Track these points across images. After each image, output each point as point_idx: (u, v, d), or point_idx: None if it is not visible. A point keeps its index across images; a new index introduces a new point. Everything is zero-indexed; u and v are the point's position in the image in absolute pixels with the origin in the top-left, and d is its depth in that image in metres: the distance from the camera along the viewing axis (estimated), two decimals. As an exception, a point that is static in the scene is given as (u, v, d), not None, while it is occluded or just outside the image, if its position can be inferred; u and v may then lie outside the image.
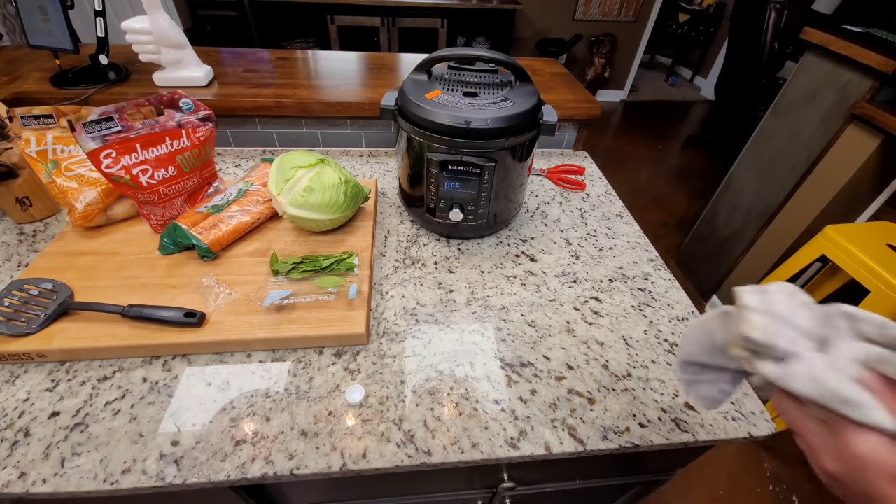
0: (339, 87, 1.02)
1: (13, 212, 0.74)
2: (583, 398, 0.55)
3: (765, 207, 1.64)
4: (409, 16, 3.05)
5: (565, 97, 1.04)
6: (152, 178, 0.65)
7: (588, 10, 3.52)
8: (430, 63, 0.70)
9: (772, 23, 2.26)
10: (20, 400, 0.51)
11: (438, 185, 0.68)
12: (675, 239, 2.37)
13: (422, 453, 0.49)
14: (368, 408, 0.53)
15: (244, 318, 0.58)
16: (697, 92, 4.42)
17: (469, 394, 0.55)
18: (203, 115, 0.71)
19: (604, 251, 0.80)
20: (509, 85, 0.71)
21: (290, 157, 0.69)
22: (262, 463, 0.47)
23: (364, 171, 0.97)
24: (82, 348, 0.54)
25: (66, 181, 0.68)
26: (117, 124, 0.61)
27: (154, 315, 0.56)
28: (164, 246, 0.66)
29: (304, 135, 1.03)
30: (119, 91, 0.94)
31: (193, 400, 0.52)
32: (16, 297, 0.56)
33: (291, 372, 0.56)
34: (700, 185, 2.86)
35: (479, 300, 0.68)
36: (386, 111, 0.69)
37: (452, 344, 0.61)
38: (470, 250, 0.78)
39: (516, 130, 0.64)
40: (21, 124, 0.66)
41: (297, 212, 0.66)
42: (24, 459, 0.45)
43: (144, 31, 0.89)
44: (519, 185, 0.75)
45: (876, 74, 1.22)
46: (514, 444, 0.50)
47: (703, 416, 0.54)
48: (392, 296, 0.68)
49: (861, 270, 1.16)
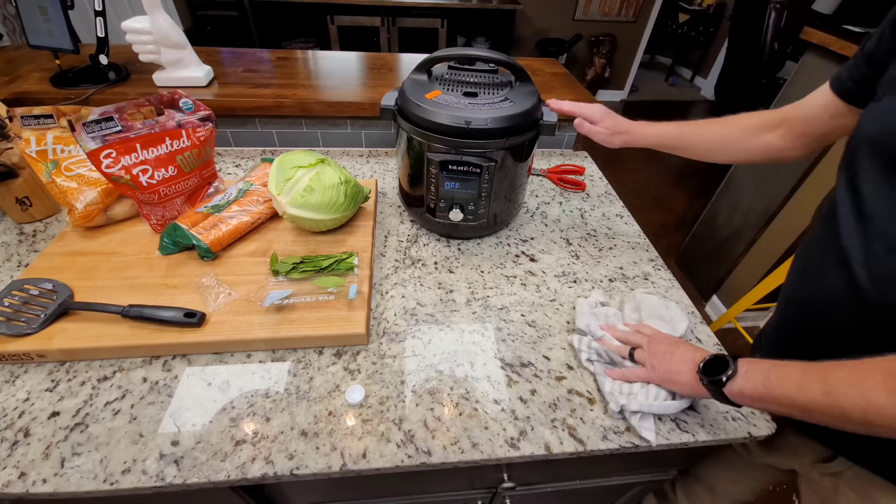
0: (339, 87, 1.02)
1: (13, 212, 0.74)
2: (583, 398, 0.55)
3: (765, 207, 1.64)
4: (409, 16, 3.05)
5: (565, 97, 1.04)
6: (152, 178, 0.65)
7: (588, 10, 3.51)
8: (430, 63, 0.70)
9: (772, 23, 2.26)
10: (20, 400, 0.51)
11: (438, 185, 0.68)
12: (675, 239, 2.37)
13: (422, 453, 0.49)
14: (368, 408, 0.52)
15: (244, 318, 0.58)
16: (697, 92, 4.41)
17: (469, 394, 0.55)
18: (203, 115, 0.71)
19: (604, 251, 0.80)
20: (509, 85, 0.71)
21: (290, 157, 0.69)
22: (262, 463, 0.47)
23: (364, 171, 0.97)
24: (82, 348, 0.54)
25: (66, 181, 0.68)
26: (117, 124, 0.61)
27: (154, 315, 0.56)
28: (164, 246, 0.66)
29: (304, 135, 1.03)
30: (119, 91, 0.94)
31: (193, 400, 0.52)
32: (16, 297, 0.56)
33: (291, 372, 0.56)
34: (700, 185, 2.86)
35: (479, 300, 0.68)
36: (386, 111, 0.69)
37: (452, 344, 0.61)
38: (470, 250, 0.78)
39: (516, 130, 0.64)
40: (21, 124, 0.66)
41: (297, 212, 0.66)
42: (24, 459, 0.45)
43: (144, 31, 0.89)
44: (519, 185, 0.75)
45: (876, 74, 1.21)
46: (514, 444, 0.50)
47: (702, 416, 0.54)
48: (392, 296, 0.67)
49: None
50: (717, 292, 1.93)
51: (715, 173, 1.84)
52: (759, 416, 0.55)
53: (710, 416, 0.54)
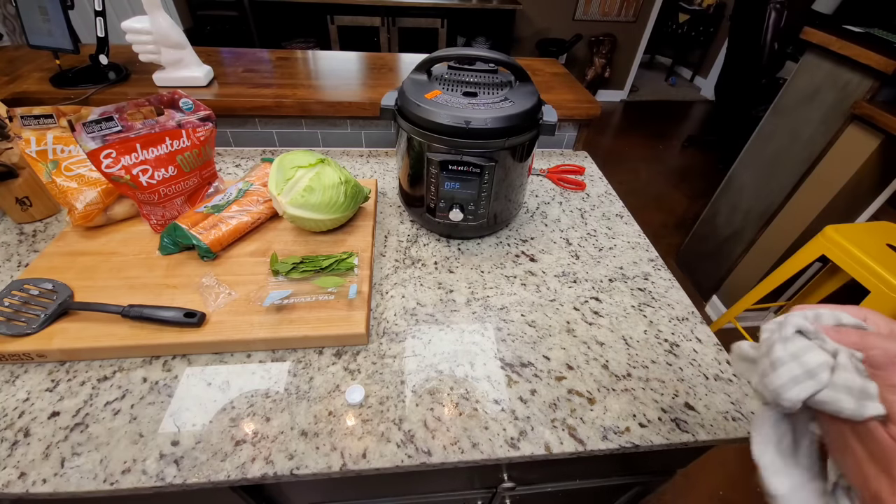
0: (339, 87, 1.02)
1: (13, 212, 0.74)
2: (583, 398, 0.55)
3: (765, 207, 1.64)
4: (409, 16, 3.05)
5: (565, 97, 1.04)
6: (152, 178, 0.65)
7: (588, 10, 3.52)
8: (430, 63, 0.70)
9: (772, 23, 2.26)
10: (20, 400, 0.51)
11: (438, 185, 0.68)
12: (675, 239, 2.37)
13: (422, 453, 0.49)
14: (368, 408, 0.52)
15: (244, 318, 0.58)
16: (697, 92, 4.42)
17: (469, 394, 0.55)
18: (203, 115, 0.71)
19: (604, 251, 0.80)
20: (509, 85, 0.71)
21: (290, 157, 0.69)
22: (262, 463, 0.47)
23: (364, 171, 0.97)
24: (82, 348, 0.54)
25: (66, 181, 0.68)
26: (117, 124, 0.61)
27: (154, 315, 0.56)
28: (164, 246, 0.66)
29: (304, 135, 1.03)
30: (119, 91, 0.94)
31: (193, 400, 0.52)
32: (16, 297, 0.56)
33: (291, 372, 0.56)
34: (700, 185, 2.86)
35: (479, 300, 0.68)
36: (386, 111, 0.69)
37: (452, 344, 0.61)
38: (470, 250, 0.78)
39: (516, 130, 0.64)
40: (21, 124, 0.66)
41: (297, 212, 0.66)
42: (24, 459, 0.45)
43: (144, 31, 0.89)
44: (519, 185, 0.75)
45: (876, 74, 1.22)
46: (514, 444, 0.50)
47: (702, 416, 0.54)
48: (392, 296, 0.68)
49: (861, 270, 1.16)
50: (717, 292, 1.93)
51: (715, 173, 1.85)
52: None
53: (710, 416, 0.54)
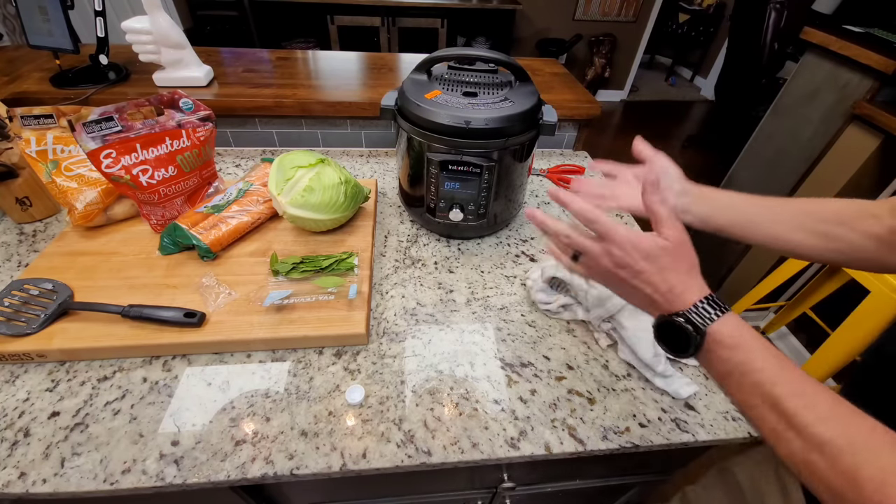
0: (339, 87, 1.02)
1: (13, 212, 0.74)
2: (583, 398, 0.55)
3: (765, 207, 1.64)
4: (409, 16, 3.05)
5: (565, 97, 1.04)
6: (152, 178, 0.65)
7: (588, 10, 3.51)
8: (430, 63, 0.70)
9: (772, 23, 2.26)
10: (20, 400, 0.51)
11: (438, 185, 0.68)
12: (675, 239, 2.37)
13: (422, 453, 0.49)
14: (368, 408, 0.52)
15: (244, 318, 0.58)
16: (697, 92, 4.41)
17: (469, 394, 0.55)
18: (203, 115, 0.71)
19: (604, 251, 0.80)
20: (509, 85, 0.71)
21: (290, 157, 0.69)
22: (262, 463, 0.47)
23: (364, 171, 0.97)
24: (82, 348, 0.54)
25: (66, 181, 0.68)
26: (117, 124, 0.61)
27: (154, 315, 0.56)
28: (164, 246, 0.66)
29: (304, 135, 1.03)
30: (119, 91, 0.94)
31: (193, 400, 0.52)
32: (16, 297, 0.56)
33: (291, 372, 0.56)
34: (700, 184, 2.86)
35: (479, 300, 0.68)
36: (386, 111, 0.69)
37: (452, 344, 0.61)
38: (470, 250, 0.78)
39: (516, 130, 0.64)
40: (21, 124, 0.66)
41: (297, 212, 0.66)
42: (24, 459, 0.45)
43: (144, 31, 0.89)
44: (519, 185, 0.75)
45: (876, 74, 1.21)
46: (514, 444, 0.50)
47: (703, 416, 0.54)
48: (392, 296, 0.67)
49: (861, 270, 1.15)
50: (717, 292, 1.93)
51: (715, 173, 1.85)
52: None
53: (710, 416, 0.54)
